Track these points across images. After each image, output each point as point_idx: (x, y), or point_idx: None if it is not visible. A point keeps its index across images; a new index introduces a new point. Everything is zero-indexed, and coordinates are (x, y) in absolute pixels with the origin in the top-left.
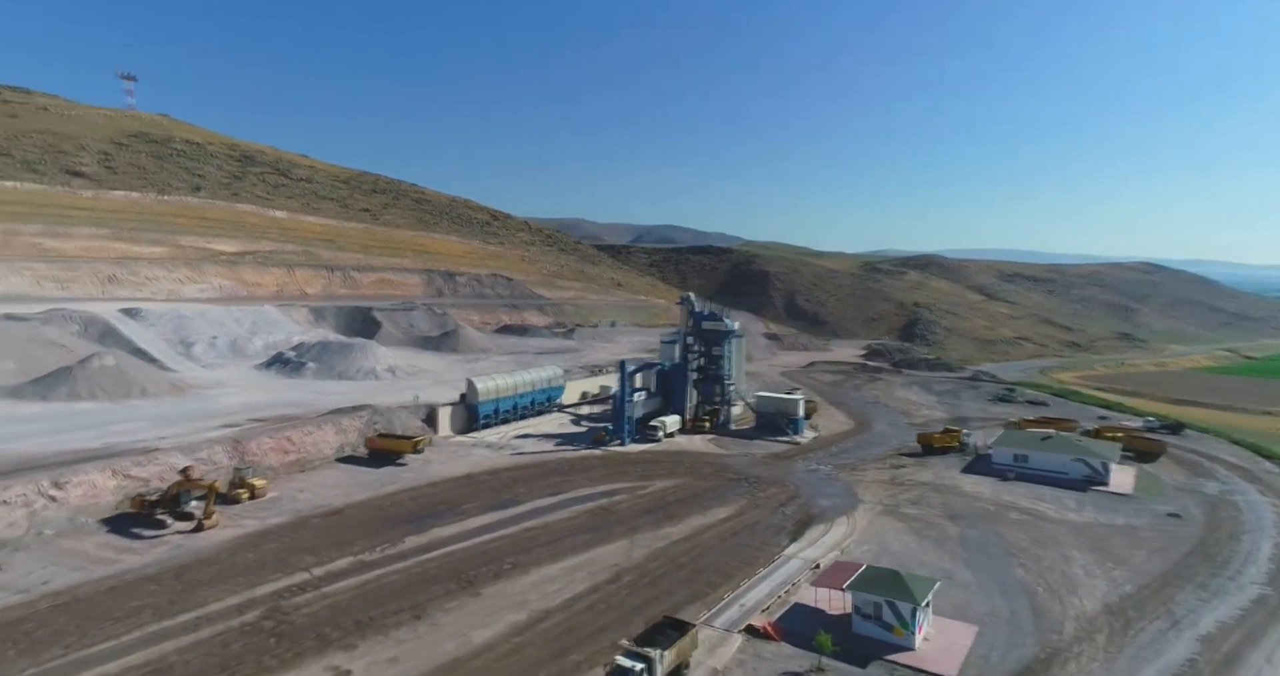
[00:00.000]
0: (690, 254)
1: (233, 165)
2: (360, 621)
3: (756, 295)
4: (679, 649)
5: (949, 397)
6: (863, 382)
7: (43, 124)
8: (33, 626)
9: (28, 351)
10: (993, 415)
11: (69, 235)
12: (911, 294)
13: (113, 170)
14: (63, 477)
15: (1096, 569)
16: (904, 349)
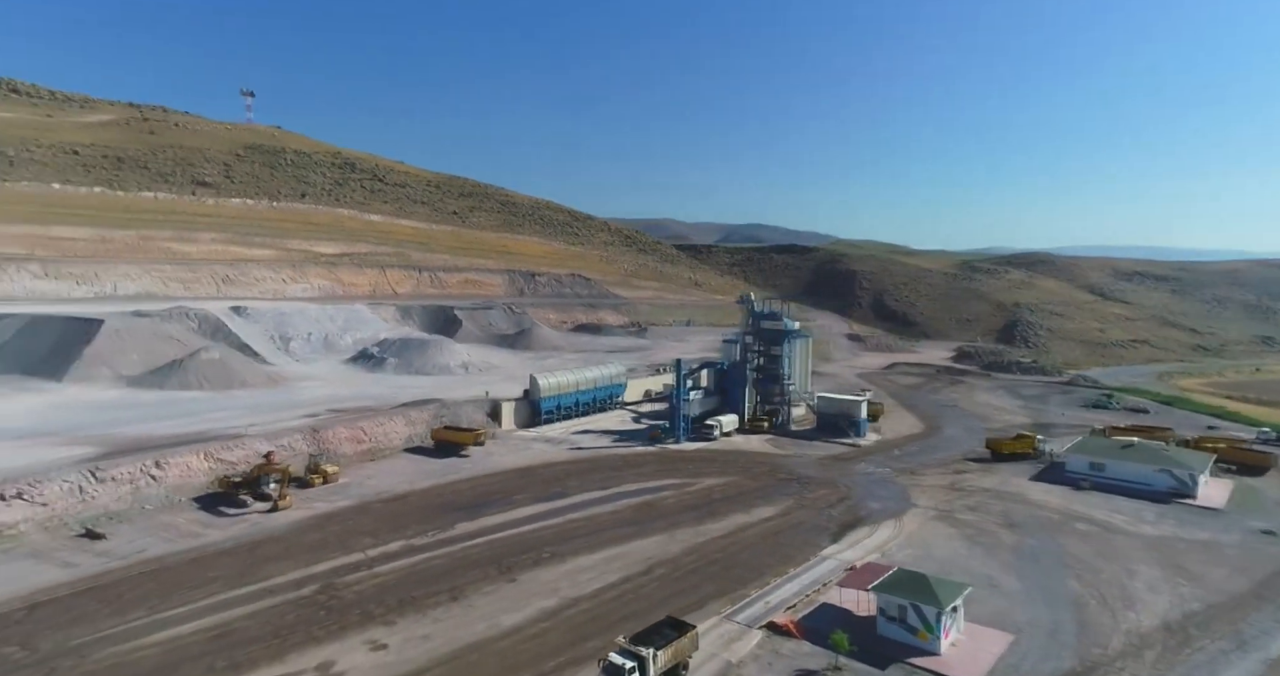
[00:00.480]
0: (774, 253)
1: (335, 172)
2: (403, 600)
3: (842, 295)
4: (675, 649)
5: (1036, 403)
6: (943, 386)
7: (176, 139)
8: (125, 589)
9: (150, 345)
10: (1082, 422)
11: (193, 240)
12: (1012, 294)
13: (232, 180)
14: (163, 459)
15: (1163, 584)
16: (996, 351)
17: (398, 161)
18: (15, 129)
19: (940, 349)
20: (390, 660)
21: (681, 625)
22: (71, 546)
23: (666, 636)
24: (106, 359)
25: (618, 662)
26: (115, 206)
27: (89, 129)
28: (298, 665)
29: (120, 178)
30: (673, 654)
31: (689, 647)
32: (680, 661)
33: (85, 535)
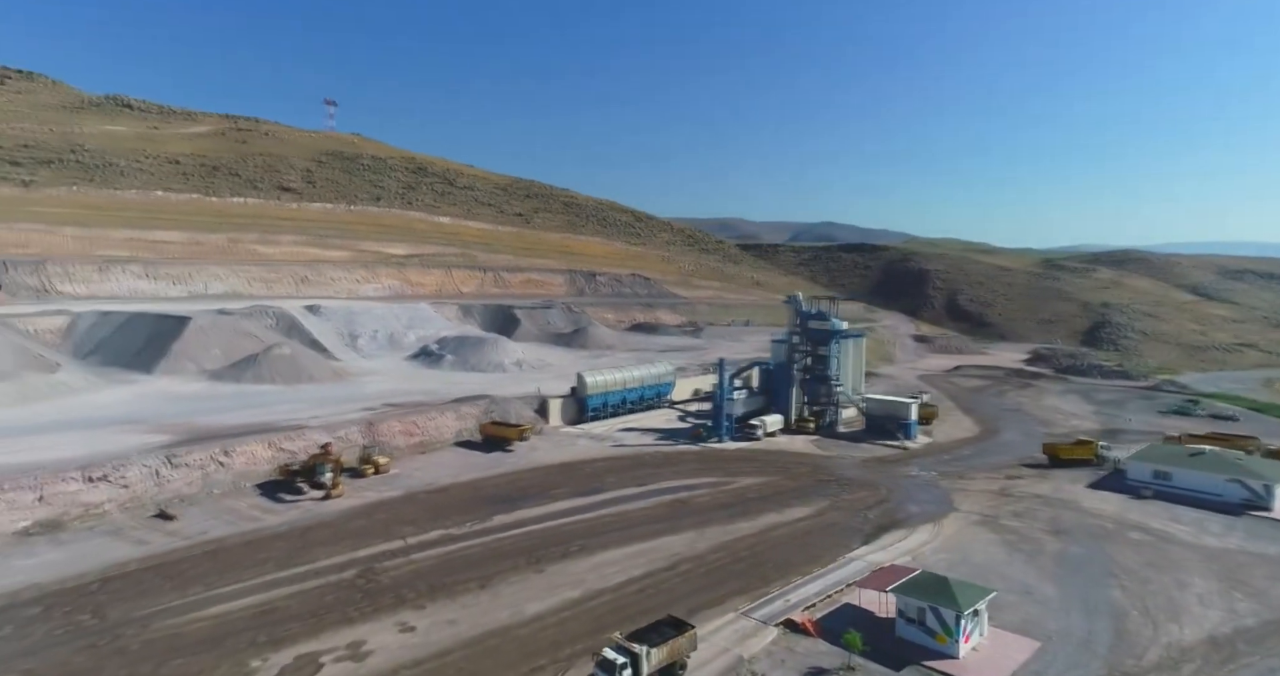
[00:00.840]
0: (842, 252)
1: (408, 176)
2: (434, 586)
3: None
4: (671, 648)
5: (1110, 408)
6: (1010, 389)
7: (264, 147)
8: (187, 566)
9: (230, 341)
10: (1157, 429)
11: (276, 242)
12: (1100, 294)
13: (313, 185)
14: (231, 447)
15: (1217, 598)
16: (1075, 354)
17: (467, 165)
18: (126, 142)
19: (1014, 351)
20: (416, 641)
21: (681, 624)
22: (146, 526)
23: (664, 634)
24: (192, 354)
25: (610, 658)
26: (208, 211)
27: (189, 140)
28: (331, 642)
29: (214, 185)
30: (668, 652)
31: (686, 647)
32: (677, 660)
33: (158, 516)
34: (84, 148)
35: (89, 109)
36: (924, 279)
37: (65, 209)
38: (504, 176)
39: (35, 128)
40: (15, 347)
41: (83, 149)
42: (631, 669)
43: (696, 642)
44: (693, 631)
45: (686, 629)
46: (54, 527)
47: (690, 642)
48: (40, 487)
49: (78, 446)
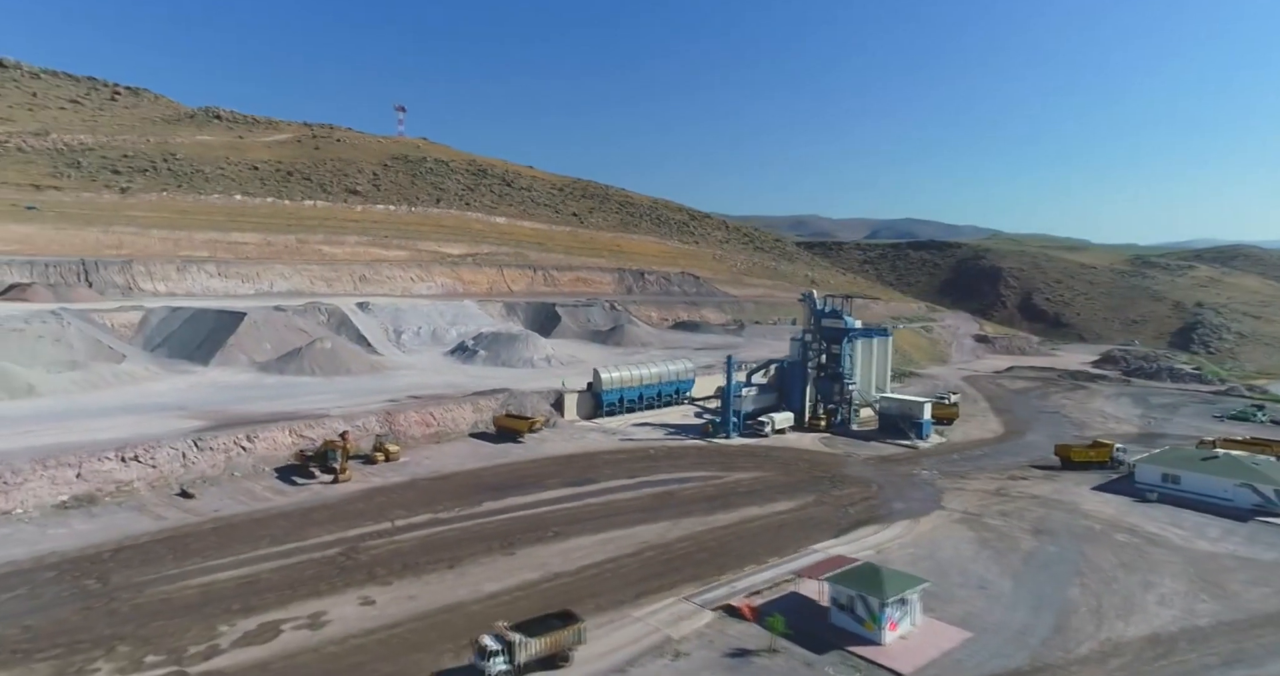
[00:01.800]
0: (910, 249)
1: (469, 178)
2: (407, 565)
3: (984, 294)
4: (551, 640)
5: (1161, 412)
6: (1058, 391)
7: (336, 153)
8: (193, 540)
9: (281, 335)
10: (1204, 433)
11: (341, 242)
12: (1195, 292)
13: (379, 188)
14: (254, 433)
15: (1178, 599)
16: (1151, 356)
17: (527, 167)
18: (213, 150)
19: (1085, 352)
20: (374, 614)
21: (570, 618)
22: (167, 502)
23: (550, 626)
24: (245, 347)
25: (484, 644)
26: (281, 214)
27: (270, 147)
28: (296, 612)
29: (288, 189)
30: (548, 644)
31: (569, 640)
32: (558, 652)
33: (180, 494)
34: (175, 156)
35: (185, 121)
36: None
37: (156, 213)
38: (562, 177)
39: (136, 139)
40: (89, 340)
41: (174, 158)
42: (506, 657)
43: (583, 636)
44: (579, 625)
45: (574, 622)
46: (88, 501)
47: (575, 636)
48: (80, 465)
49: (124, 429)
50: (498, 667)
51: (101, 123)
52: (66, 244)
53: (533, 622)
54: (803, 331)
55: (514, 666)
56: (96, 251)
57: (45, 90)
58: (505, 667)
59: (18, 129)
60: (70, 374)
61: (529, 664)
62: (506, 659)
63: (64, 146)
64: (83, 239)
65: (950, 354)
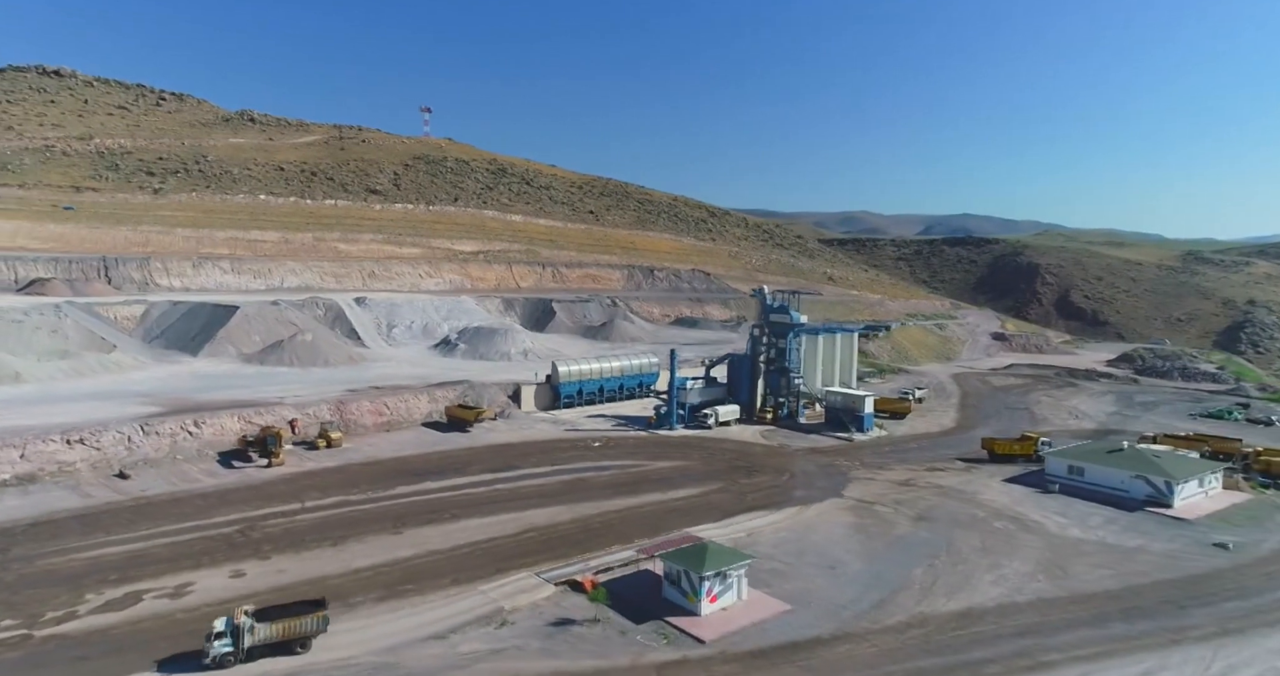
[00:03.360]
0: (945, 246)
1: (488, 177)
2: (294, 542)
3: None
4: (285, 625)
5: (1138, 409)
6: (1043, 389)
7: (360, 153)
8: (108, 517)
9: (270, 328)
10: (1170, 430)
11: (356, 240)
12: (1249, 290)
13: (399, 187)
14: (202, 419)
15: (1015, 579)
16: (1171, 355)
17: (550, 165)
18: (243, 152)
19: (1108, 351)
20: (237, 584)
21: (316, 605)
22: (102, 483)
23: (292, 612)
24: (234, 339)
25: (213, 626)
26: (301, 213)
27: (297, 149)
28: (165, 583)
29: (310, 189)
30: (280, 629)
31: (309, 627)
32: (296, 638)
33: (118, 475)
34: (207, 158)
35: (220, 124)
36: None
37: (183, 212)
38: (582, 175)
39: (172, 142)
40: (83, 330)
41: (206, 159)
42: (232, 640)
43: (325, 624)
44: (319, 614)
45: (318, 610)
46: (29, 480)
47: (316, 623)
48: (24, 447)
49: (82, 414)
50: (222, 650)
51: (142, 127)
52: (98, 242)
53: (279, 608)
54: (752, 326)
55: (239, 650)
56: (124, 249)
57: (96, 97)
58: (228, 650)
59: (64, 134)
60: (59, 362)
61: (257, 648)
62: (231, 642)
63: (105, 150)
64: (112, 237)
65: (960, 351)
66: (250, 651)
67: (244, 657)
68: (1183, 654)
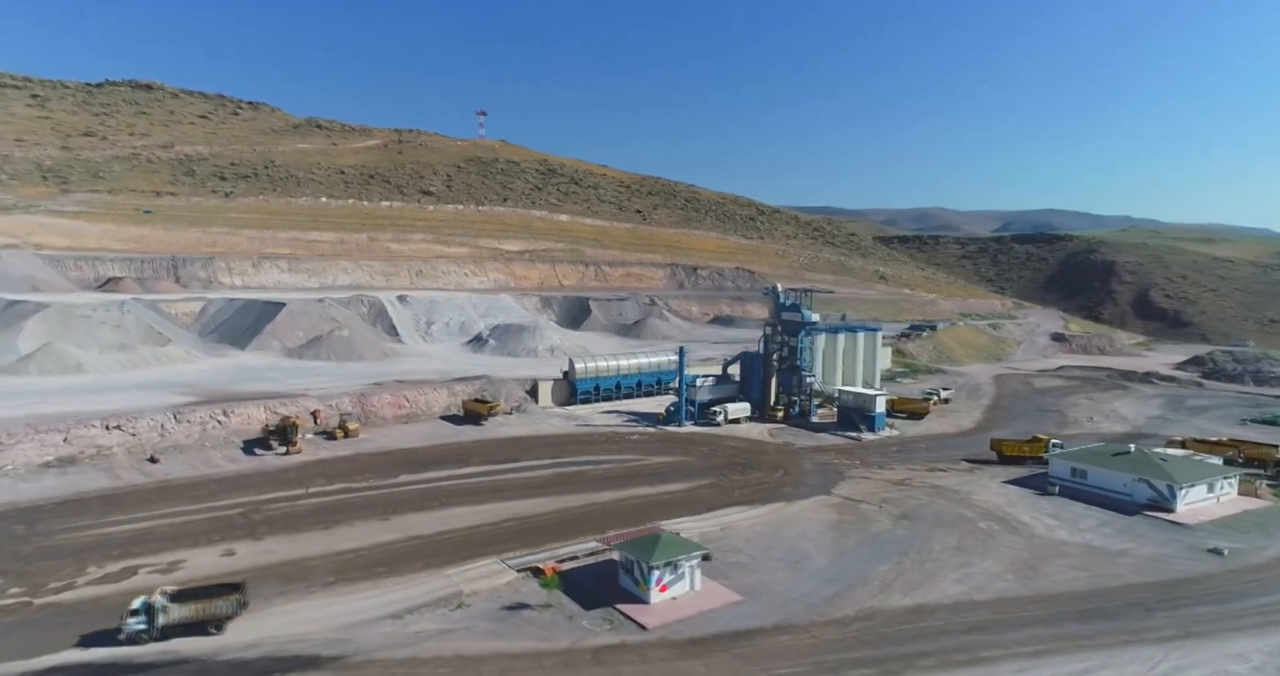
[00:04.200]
0: (1014, 243)
1: (537, 178)
2: (290, 525)
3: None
4: (197, 607)
5: (1187, 414)
6: (1087, 391)
7: (417, 156)
8: (129, 498)
9: (313, 324)
10: (1211, 435)
11: (407, 240)
12: None
13: (450, 188)
14: (231, 408)
15: (980, 578)
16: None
17: (601, 165)
18: (308, 156)
19: (1179, 354)
20: (225, 563)
21: (234, 589)
22: (132, 467)
23: (210, 594)
24: (279, 334)
25: (130, 605)
26: (358, 214)
27: (359, 153)
28: (160, 559)
29: (368, 191)
30: (193, 610)
31: (223, 609)
32: (209, 619)
33: (149, 460)
34: (274, 163)
35: (290, 131)
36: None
37: (249, 215)
38: (631, 174)
39: (245, 149)
40: (142, 325)
41: (273, 164)
42: (146, 618)
43: (239, 607)
44: (234, 596)
45: (233, 594)
46: (69, 462)
47: (230, 606)
48: (68, 431)
49: (129, 402)
50: (136, 628)
51: (219, 135)
52: (171, 243)
53: (197, 591)
54: (764, 324)
55: (153, 628)
56: (194, 249)
57: (180, 108)
58: (142, 628)
59: (149, 142)
60: (117, 355)
61: (171, 628)
62: (146, 620)
63: (183, 157)
64: (184, 238)
65: (1013, 352)
66: (164, 630)
67: (158, 636)
68: (1132, 654)
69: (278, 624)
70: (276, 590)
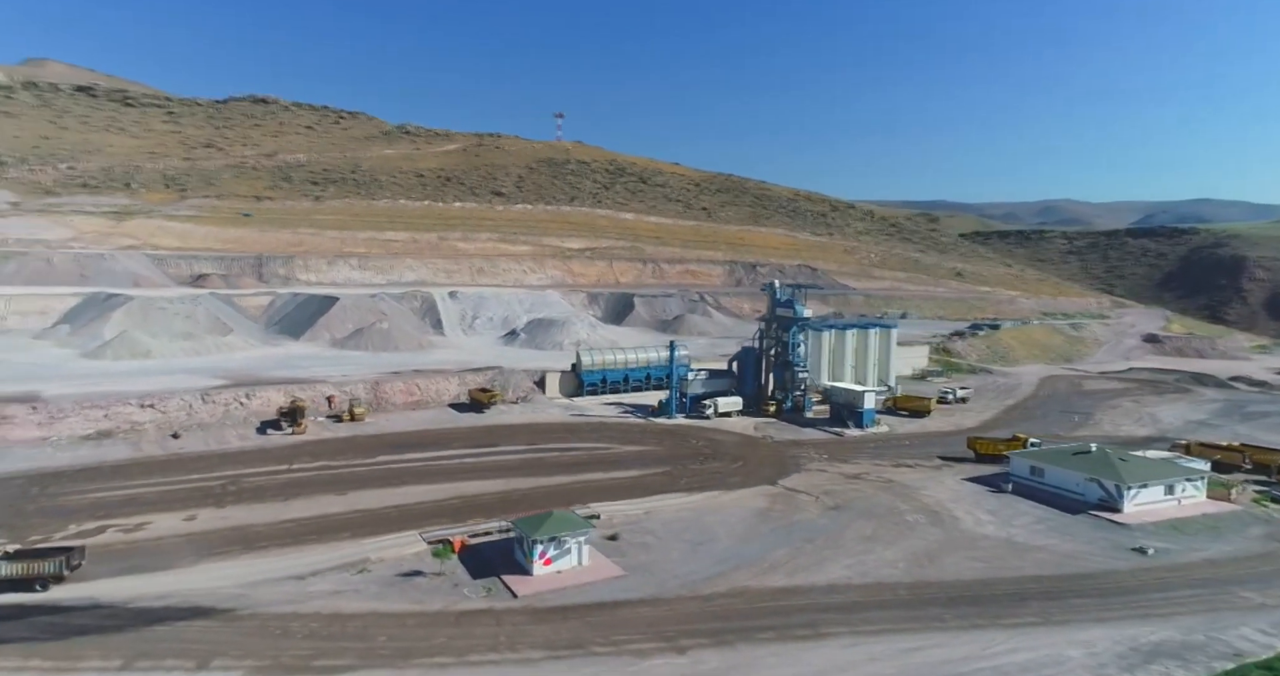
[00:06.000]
0: (1129, 237)
1: (605, 177)
2: (257, 496)
3: (1221, 288)
4: (22, 566)
5: (1238, 421)
6: (1136, 394)
7: (492, 159)
8: (138, 468)
9: (364, 318)
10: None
11: (474, 239)
12: None
13: (520, 189)
14: (253, 392)
15: (871, 564)
16: None
17: (672, 164)
18: (392, 161)
19: None
20: (183, 526)
21: (63, 552)
22: (156, 441)
23: (40, 555)
24: (330, 326)
25: None
26: (432, 215)
27: (439, 157)
28: (130, 521)
29: (443, 192)
30: (19, 569)
31: (47, 569)
32: (35, 577)
33: (172, 436)
34: (360, 168)
35: (381, 137)
36: (1238, 269)
37: (334, 216)
38: (701, 172)
39: (337, 155)
40: (210, 317)
41: (359, 169)
42: None
43: (62, 568)
44: (60, 558)
45: (62, 556)
46: (105, 436)
47: (53, 567)
48: (108, 407)
49: (174, 383)
50: None
51: (317, 143)
52: (263, 243)
53: (32, 552)
54: (760, 319)
55: None
56: (283, 249)
57: (290, 119)
58: None
59: (256, 152)
60: (183, 342)
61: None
62: None
63: (283, 164)
64: (275, 239)
65: (1091, 352)
66: None
67: None
68: (975, 635)
69: (196, 579)
70: (212, 550)
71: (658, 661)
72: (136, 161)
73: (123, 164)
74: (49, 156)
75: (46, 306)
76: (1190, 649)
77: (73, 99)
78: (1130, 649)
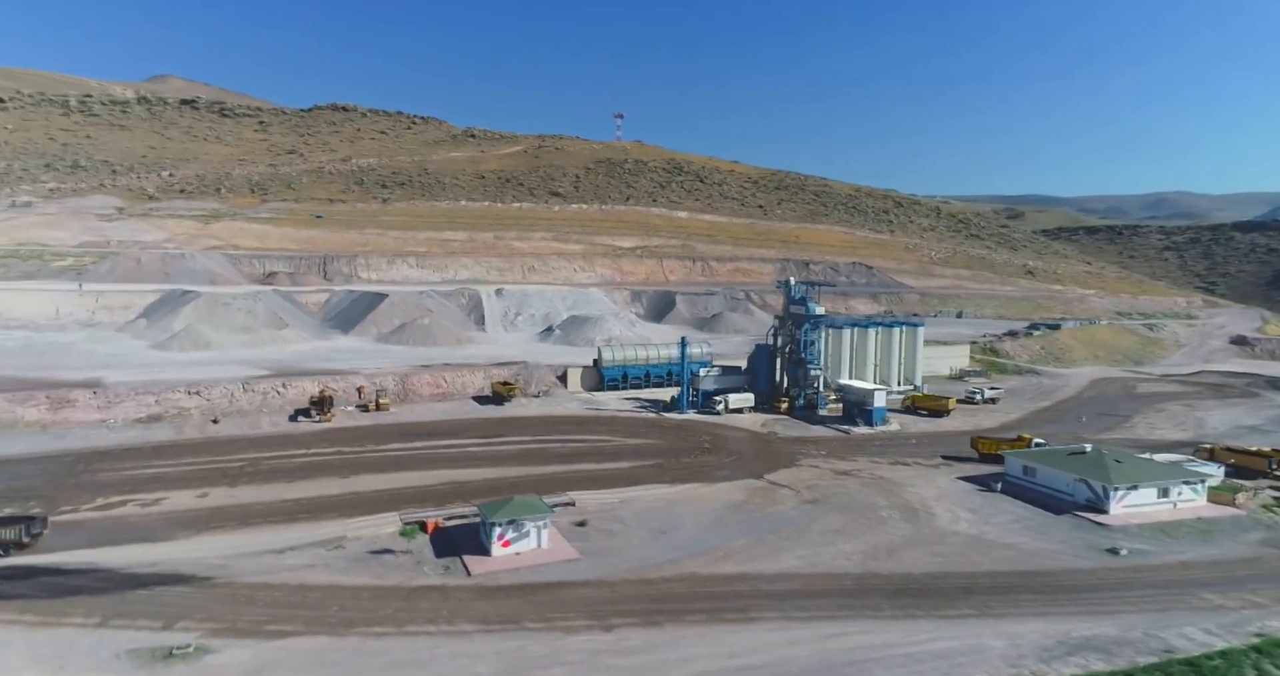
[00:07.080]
0: (1236, 231)
1: (662, 176)
2: (268, 477)
3: None
4: None
5: None
6: (1191, 398)
7: (551, 160)
8: (172, 449)
9: (410, 314)
10: None
11: (529, 238)
12: None
13: (577, 189)
14: (289, 382)
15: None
16: None
17: (730, 161)
18: (456, 163)
19: None
20: (196, 503)
21: (30, 520)
22: (198, 425)
23: (2, 522)
24: (377, 322)
25: None
26: (490, 215)
27: (501, 158)
28: (150, 496)
29: (503, 193)
30: None
31: (9, 535)
32: None
33: (213, 421)
34: (426, 171)
35: (448, 141)
36: None
37: (399, 217)
38: (760, 169)
39: (406, 159)
40: (269, 312)
41: (425, 172)
42: None
43: (22, 535)
44: (20, 527)
45: (19, 525)
46: (154, 420)
47: (13, 534)
48: (159, 394)
49: (223, 372)
50: None
51: (389, 148)
52: (332, 243)
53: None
54: (774, 317)
55: None
56: (349, 248)
57: (366, 125)
58: None
59: (331, 157)
60: (241, 336)
61: None
62: None
63: (356, 168)
64: (343, 239)
65: (1167, 355)
66: None
67: None
68: (906, 625)
69: (188, 550)
70: (210, 525)
71: (582, 638)
72: (227, 168)
73: (215, 171)
74: (153, 165)
75: (130, 302)
76: (1120, 644)
77: (178, 112)
78: (1057, 642)
